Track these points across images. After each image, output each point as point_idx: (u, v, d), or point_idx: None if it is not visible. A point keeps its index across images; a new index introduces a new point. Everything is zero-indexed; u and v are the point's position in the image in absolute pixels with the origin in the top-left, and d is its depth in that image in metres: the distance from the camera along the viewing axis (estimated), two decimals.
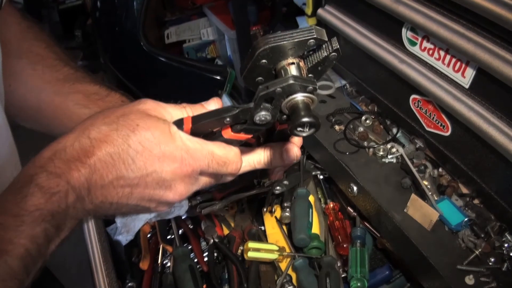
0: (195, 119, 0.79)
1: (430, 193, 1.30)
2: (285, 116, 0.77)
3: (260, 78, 0.77)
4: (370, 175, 1.41)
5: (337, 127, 1.59)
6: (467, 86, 1.18)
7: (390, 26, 1.39)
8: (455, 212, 1.26)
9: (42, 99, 1.09)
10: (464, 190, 1.33)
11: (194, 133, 0.79)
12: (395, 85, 1.46)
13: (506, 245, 1.19)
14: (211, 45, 3.16)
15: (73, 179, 0.68)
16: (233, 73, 2.81)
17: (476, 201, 1.30)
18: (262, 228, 1.64)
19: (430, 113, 1.35)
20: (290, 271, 1.46)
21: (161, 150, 0.73)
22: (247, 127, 0.79)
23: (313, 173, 1.70)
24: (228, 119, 0.77)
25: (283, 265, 1.48)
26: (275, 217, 1.60)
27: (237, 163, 0.82)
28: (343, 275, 1.46)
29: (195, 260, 1.51)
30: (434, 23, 1.17)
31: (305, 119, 0.69)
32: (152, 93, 3.16)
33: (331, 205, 1.60)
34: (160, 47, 3.12)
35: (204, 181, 0.84)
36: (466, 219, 1.23)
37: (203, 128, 0.80)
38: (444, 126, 1.32)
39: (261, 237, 1.58)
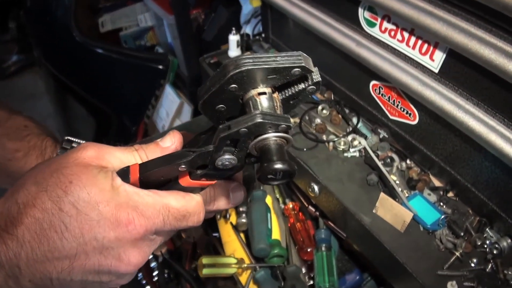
0: (143, 167, 0.64)
1: (400, 190, 1.17)
2: (253, 158, 0.63)
3: (222, 105, 0.61)
4: (332, 173, 1.27)
5: (291, 120, 1.43)
6: (436, 70, 1.05)
7: (344, 5, 1.24)
8: (429, 209, 1.14)
9: None
10: (437, 183, 1.21)
11: (144, 183, 0.64)
12: (352, 71, 1.32)
13: (488, 242, 1.08)
14: (149, 32, 2.96)
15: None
16: (175, 61, 2.64)
17: (450, 194, 1.19)
18: (217, 235, 1.49)
19: (394, 100, 1.22)
20: (251, 285, 1.32)
21: (100, 212, 0.58)
22: (208, 172, 0.64)
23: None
24: (183, 166, 0.63)
25: (243, 278, 1.34)
26: (231, 223, 1.45)
27: (200, 215, 0.68)
28: (309, 283, 1.33)
29: (144, 281, 1.35)
30: (396, 0, 1.03)
31: (278, 166, 0.54)
32: (90, 87, 2.98)
33: (291, 205, 1.47)
34: (95, 37, 2.90)
35: (161, 239, 0.68)
36: (442, 217, 1.12)
37: (155, 177, 0.64)
38: (410, 114, 1.19)
39: (217, 247, 1.43)
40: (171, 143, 0.69)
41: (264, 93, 0.58)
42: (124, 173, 0.62)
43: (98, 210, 0.57)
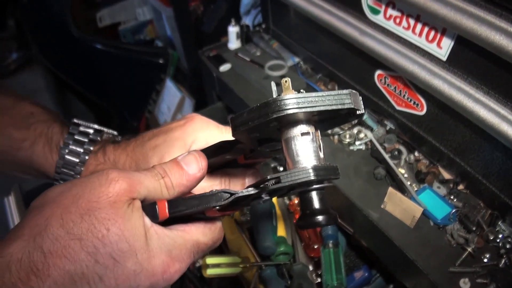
0: (173, 206, 0.60)
1: (408, 183, 1.13)
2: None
3: (257, 134, 0.58)
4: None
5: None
6: (444, 58, 1.00)
7: None
8: (440, 203, 1.10)
9: None
10: (446, 176, 1.17)
11: (170, 219, 0.61)
12: (356, 60, 1.28)
13: (500, 235, 1.04)
14: (148, 26, 2.91)
15: None
16: (175, 54, 2.59)
17: (460, 187, 1.15)
18: None
19: (400, 91, 1.17)
20: (257, 284, 1.28)
21: (137, 261, 0.55)
22: (237, 206, 0.62)
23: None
24: (218, 208, 0.60)
25: (249, 277, 1.31)
26: (235, 220, 1.42)
27: (221, 238, 0.69)
28: (317, 281, 1.30)
29: None
30: None
31: (320, 219, 0.54)
32: (90, 84, 2.93)
33: (296, 201, 1.42)
34: (92, 32, 2.86)
35: None
36: (453, 211, 1.08)
37: (183, 214, 0.61)
38: (417, 104, 1.15)
39: (221, 245, 1.39)
40: (197, 170, 0.65)
41: (308, 133, 0.55)
42: (152, 211, 0.59)
43: (136, 259, 0.55)
